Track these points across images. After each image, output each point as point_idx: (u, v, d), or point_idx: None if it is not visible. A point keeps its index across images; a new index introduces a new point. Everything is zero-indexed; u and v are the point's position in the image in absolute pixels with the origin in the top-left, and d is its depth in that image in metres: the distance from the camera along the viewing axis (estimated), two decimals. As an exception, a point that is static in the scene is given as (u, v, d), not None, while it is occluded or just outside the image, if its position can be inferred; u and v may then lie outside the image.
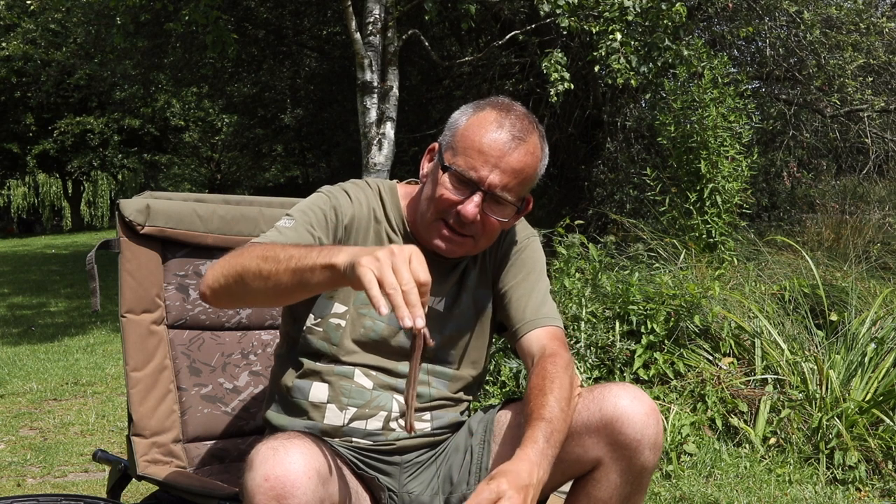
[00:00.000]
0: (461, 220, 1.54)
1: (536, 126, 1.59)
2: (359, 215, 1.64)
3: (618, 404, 1.47)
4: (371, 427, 1.62)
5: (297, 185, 21.42)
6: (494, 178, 1.52)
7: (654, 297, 3.74)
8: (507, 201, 1.55)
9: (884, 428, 3.14)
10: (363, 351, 1.63)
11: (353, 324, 1.62)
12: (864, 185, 7.62)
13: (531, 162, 1.55)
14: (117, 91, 16.22)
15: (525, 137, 1.54)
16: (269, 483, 1.30)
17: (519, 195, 1.57)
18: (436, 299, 1.66)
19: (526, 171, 1.55)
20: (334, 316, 1.63)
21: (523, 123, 1.55)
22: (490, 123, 1.54)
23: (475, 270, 1.70)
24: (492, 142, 1.52)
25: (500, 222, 1.57)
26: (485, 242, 1.61)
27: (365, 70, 6.85)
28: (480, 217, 1.54)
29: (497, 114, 1.55)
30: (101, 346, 6.41)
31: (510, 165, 1.52)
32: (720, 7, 7.82)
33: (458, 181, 1.54)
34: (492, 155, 1.52)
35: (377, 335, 1.63)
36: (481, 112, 1.56)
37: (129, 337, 1.84)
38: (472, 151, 1.53)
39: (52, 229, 30.88)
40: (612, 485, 1.50)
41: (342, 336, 1.62)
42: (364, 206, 1.66)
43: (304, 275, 1.35)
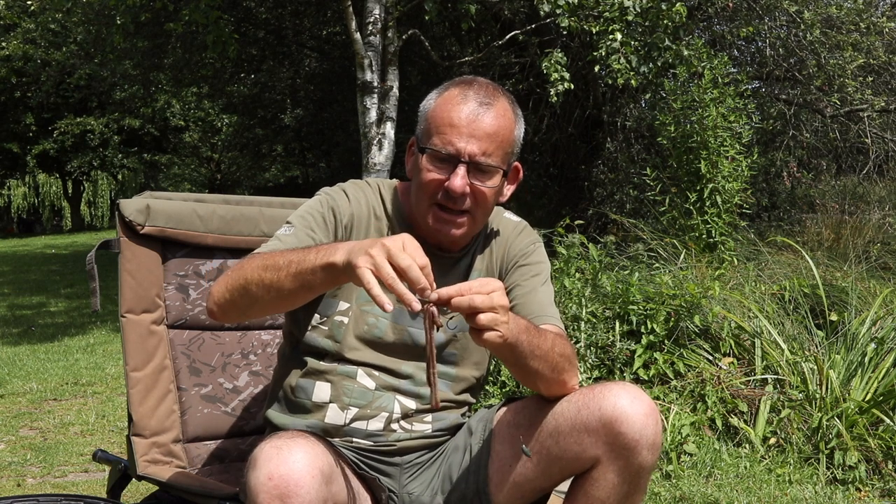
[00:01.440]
0: (451, 196, 1.55)
1: (503, 92, 1.62)
2: (358, 214, 1.65)
3: (617, 404, 1.47)
4: (372, 428, 1.62)
5: (297, 185, 21.42)
6: (472, 146, 1.54)
7: (654, 297, 3.74)
8: (491, 167, 1.56)
9: (884, 428, 3.14)
10: (366, 349, 1.63)
11: (357, 321, 1.63)
12: (864, 185, 7.62)
13: (504, 124, 1.57)
14: (117, 91, 16.23)
15: (492, 102, 1.56)
16: (272, 482, 1.30)
17: (503, 159, 1.58)
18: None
19: (501, 132, 1.56)
20: (339, 314, 1.64)
21: (487, 90, 1.58)
22: (455, 98, 1.56)
23: (480, 272, 1.71)
24: (460, 113, 1.54)
25: (490, 190, 1.58)
26: (481, 216, 1.62)
27: (365, 70, 6.85)
28: (470, 189, 1.56)
29: (459, 89, 1.58)
30: (101, 346, 6.41)
31: (483, 130, 1.54)
32: (720, 7, 7.82)
33: (438, 160, 1.56)
34: (463, 125, 1.54)
35: (380, 332, 1.63)
36: (445, 92, 1.59)
37: (129, 337, 1.84)
38: (444, 128, 1.55)
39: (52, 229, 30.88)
40: (610, 484, 1.50)
41: (345, 333, 1.63)
42: (363, 205, 1.67)
43: (306, 277, 1.37)
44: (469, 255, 1.71)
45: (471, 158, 1.54)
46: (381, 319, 1.63)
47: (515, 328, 1.39)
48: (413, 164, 1.64)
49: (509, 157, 1.61)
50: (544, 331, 1.50)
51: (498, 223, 1.75)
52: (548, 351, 1.48)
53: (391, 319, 1.64)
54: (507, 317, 1.34)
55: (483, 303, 1.30)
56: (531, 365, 1.47)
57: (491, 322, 1.31)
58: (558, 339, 1.52)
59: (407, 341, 1.64)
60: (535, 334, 1.46)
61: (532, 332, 1.45)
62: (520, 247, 1.73)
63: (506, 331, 1.33)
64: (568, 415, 1.52)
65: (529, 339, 1.44)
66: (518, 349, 1.43)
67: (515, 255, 1.72)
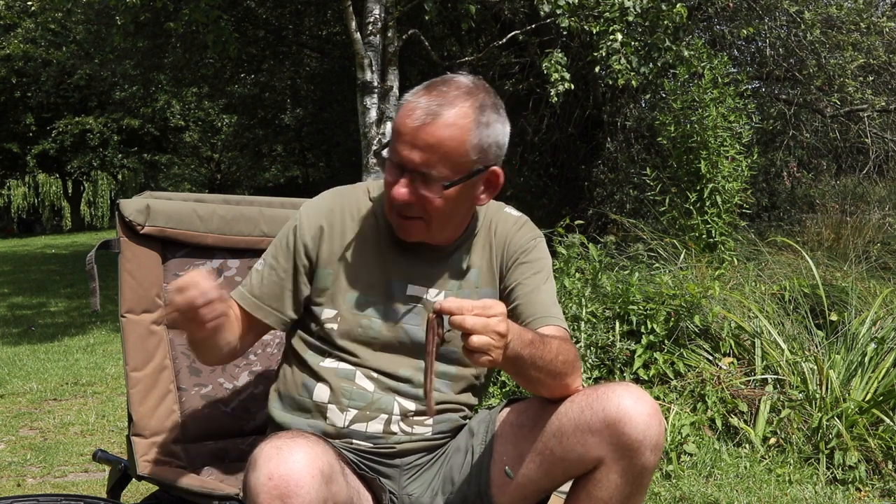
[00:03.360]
0: (397, 204, 1.56)
1: (470, 96, 1.55)
2: (330, 223, 1.67)
3: (621, 404, 1.47)
4: (371, 430, 1.62)
5: (297, 185, 21.42)
6: (414, 156, 1.52)
7: (654, 297, 3.74)
8: (434, 178, 1.53)
9: (884, 428, 3.14)
10: (363, 351, 1.63)
11: (349, 324, 1.64)
12: (864, 185, 7.62)
13: (452, 133, 1.51)
14: (117, 91, 16.23)
15: (440, 111, 1.52)
16: (272, 482, 1.30)
17: (454, 168, 1.54)
18: (431, 291, 1.66)
19: (446, 143, 1.52)
20: (328, 321, 1.65)
21: (445, 98, 1.53)
22: (409, 104, 1.55)
23: (479, 269, 1.70)
24: (407, 121, 1.53)
25: (438, 199, 1.55)
26: (437, 224, 1.60)
27: (365, 70, 6.85)
28: (418, 197, 1.55)
29: (414, 97, 1.55)
30: (101, 346, 6.40)
31: (424, 141, 1.51)
32: (720, 7, 7.81)
33: (391, 167, 1.57)
34: (407, 134, 1.52)
35: (375, 332, 1.63)
36: (409, 95, 1.58)
37: (129, 337, 1.84)
38: (395, 135, 1.55)
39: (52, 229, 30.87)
40: (612, 485, 1.50)
41: (339, 337, 1.64)
42: (337, 212, 1.68)
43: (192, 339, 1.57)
44: (462, 249, 1.69)
45: (414, 168, 1.53)
46: (375, 320, 1.63)
47: (518, 343, 1.39)
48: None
49: (466, 166, 1.55)
50: (548, 340, 1.48)
51: (498, 218, 1.73)
52: (551, 361, 1.47)
53: (384, 319, 1.64)
54: (501, 342, 1.33)
55: (476, 325, 1.30)
56: (533, 375, 1.47)
57: (483, 346, 1.30)
58: (562, 346, 1.51)
59: (404, 339, 1.64)
60: (539, 346, 1.45)
61: (535, 345, 1.44)
62: (520, 243, 1.70)
63: (497, 356, 1.33)
64: (571, 415, 1.51)
65: (532, 351, 1.43)
66: (519, 363, 1.42)
67: (516, 251, 1.70)
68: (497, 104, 1.59)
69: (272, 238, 2.01)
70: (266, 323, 1.68)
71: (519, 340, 1.39)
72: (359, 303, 1.64)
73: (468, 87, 1.56)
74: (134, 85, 14.02)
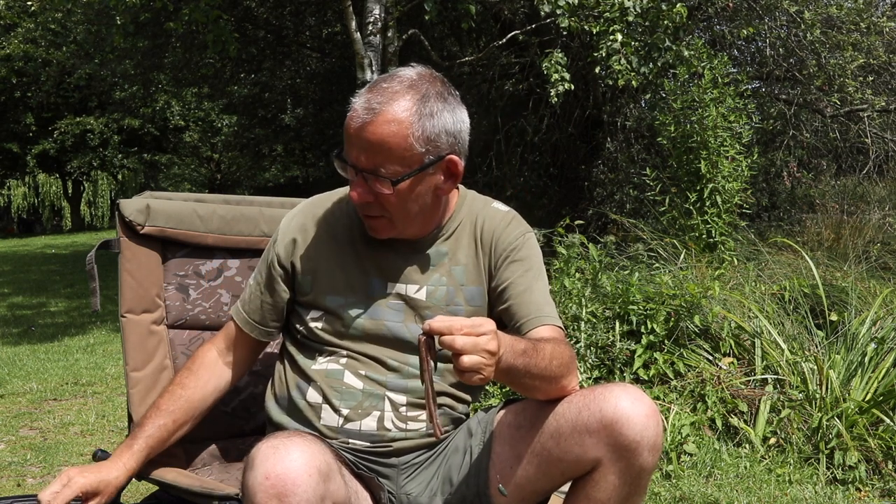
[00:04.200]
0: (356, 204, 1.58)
1: (411, 89, 1.53)
2: (304, 231, 1.70)
3: (618, 405, 1.46)
4: (365, 428, 1.62)
5: (297, 185, 21.42)
6: (359, 156, 1.53)
7: (654, 297, 3.74)
8: (381, 175, 1.53)
9: (884, 428, 3.14)
10: (347, 348, 1.64)
11: (332, 323, 1.65)
12: (864, 185, 7.62)
13: (392, 129, 1.50)
14: (117, 91, 16.23)
15: (380, 108, 1.51)
16: (269, 481, 1.30)
17: (403, 162, 1.53)
18: (412, 286, 1.66)
19: (387, 141, 1.51)
20: (312, 320, 1.67)
21: (385, 94, 1.52)
22: (352, 106, 1.55)
23: (465, 267, 1.68)
24: (351, 123, 1.53)
25: (390, 195, 1.55)
26: (401, 219, 1.60)
27: (365, 70, 6.85)
28: (374, 196, 1.55)
29: (360, 95, 1.55)
30: (101, 346, 6.40)
31: (367, 141, 1.52)
32: (720, 7, 7.81)
33: (349, 169, 1.57)
34: (350, 135, 1.54)
35: (359, 332, 1.64)
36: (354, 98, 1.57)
37: (129, 337, 1.84)
38: (344, 138, 1.56)
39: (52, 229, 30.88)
40: (610, 486, 1.50)
41: (323, 336, 1.65)
42: (310, 220, 1.71)
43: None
44: (438, 242, 1.68)
45: (363, 168, 1.54)
46: (358, 320, 1.64)
47: (510, 355, 1.38)
48: None
49: (416, 159, 1.53)
50: (542, 346, 1.47)
51: (485, 214, 1.71)
52: (545, 367, 1.46)
53: (366, 317, 1.64)
54: (492, 360, 1.32)
55: (465, 345, 1.29)
56: (527, 382, 1.47)
57: (474, 366, 1.29)
58: (556, 350, 1.50)
59: (387, 335, 1.64)
60: (532, 354, 1.43)
61: (529, 354, 1.43)
62: (509, 240, 1.69)
63: (489, 374, 1.32)
64: (569, 416, 1.51)
65: (525, 361, 1.42)
66: (513, 373, 1.42)
67: (505, 248, 1.68)
68: (443, 93, 1.57)
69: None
70: (252, 337, 1.74)
71: (511, 352, 1.38)
72: (340, 304, 1.65)
73: (411, 80, 1.55)
74: (134, 85, 14.02)
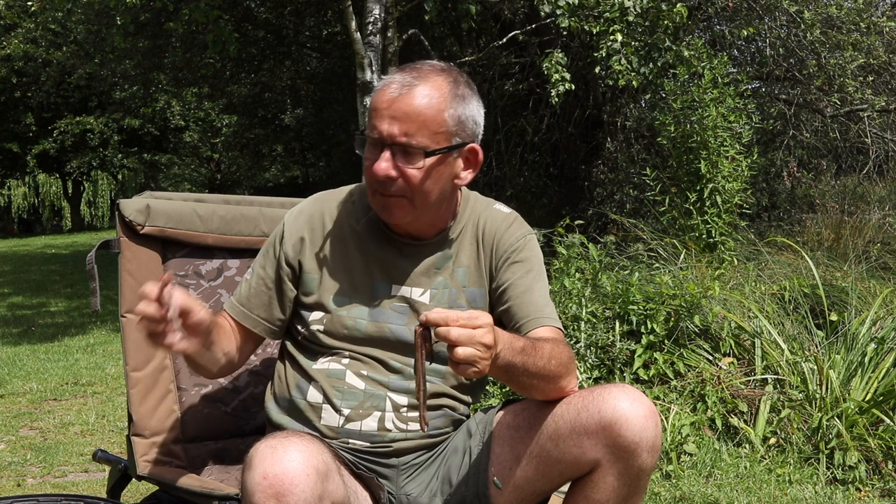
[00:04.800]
0: (379, 180, 1.55)
1: (441, 72, 1.58)
2: (311, 229, 1.69)
3: (617, 406, 1.46)
4: (366, 428, 1.62)
5: (297, 185, 21.43)
6: (393, 128, 1.53)
7: (654, 297, 3.74)
8: (414, 147, 1.53)
9: (884, 428, 3.14)
10: (350, 350, 1.64)
11: (335, 326, 1.64)
12: (864, 185, 7.61)
13: (428, 102, 1.53)
14: (117, 91, 16.22)
15: (415, 83, 1.54)
16: (267, 481, 1.30)
17: (432, 139, 1.54)
18: (416, 289, 1.66)
19: (422, 112, 1.53)
20: (314, 322, 1.66)
21: (419, 72, 1.57)
22: (383, 83, 1.57)
23: (466, 268, 1.69)
24: (383, 96, 1.55)
25: (419, 171, 1.54)
26: (420, 201, 1.58)
27: (365, 70, 6.85)
28: (400, 172, 1.54)
29: (388, 76, 1.59)
30: (101, 346, 6.40)
31: (402, 111, 1.52)
32: (720, 7, 7.81)
33: (370, 146, 1.56)
34: (383, 108, 1.54)
35: (361, 333, 1.63)
36: (383, 79, 1.60)
37: (129, 337, 1.84)
38: (371, 113, 1.56)
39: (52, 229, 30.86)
40: (609, 487, 1.50)
41: (326, 338, 1.64)
42: (317, 218, 1.69)
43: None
44: (445, 245, 1.68)
45: (392, 140, 1.53)
46: (360, 321, 1.63)
47: (509, 352, 1.38)
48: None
49: (444, 138, 1.55)
50: (540, 346, 1.47)
51: (487, 215, 1.72)
52: (543, 366, 1.46)
53: (369, 319, 1.64)
54: (487, 354, 1.32)
55: (461, 337, 1.29)
56: (525, 381, 1.47)
57: (468, 358, 1.30)
58: (555, 350, 1.50)
59: (389, 337, 1.64)
60: (531, 353, 1.44)
61: (527, 352, 1.43)
62: (510, 241, 1.69)
63: (484, 367, 1.32)
64: (567, 417, 1.51)
65: (524, 359, 1.42)
66: (511, 371, 1.42)
67: (506, 250, 1.68)
68: (470, 83, 1.62)
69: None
70: (255, 332, 1.71)
71: (510, 349, 1.38)
72: (344, 305, 1.64)
73: (441, 66, 1.61)
74: (134, 85, 14.02)
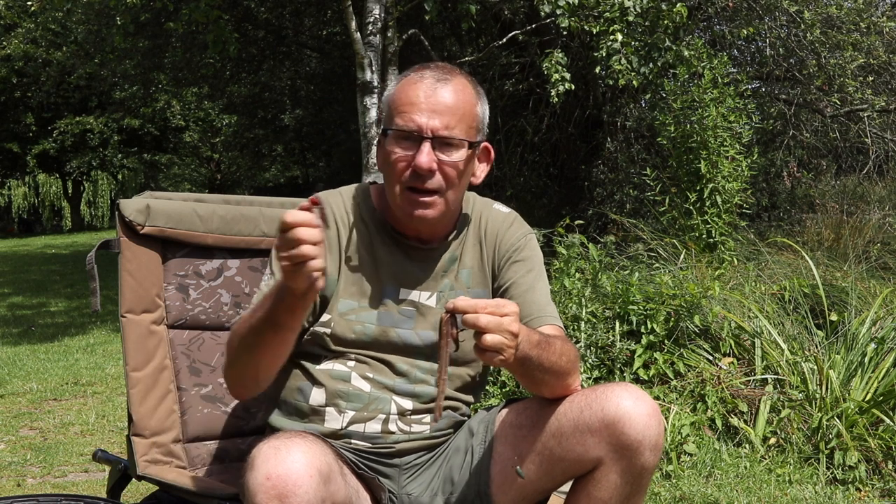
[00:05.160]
0: (419, 175, 1.54)
1: (460, 72, 1.62)
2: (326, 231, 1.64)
3: (620, 405, 1.47)
4: (370, 430, 1.62)
5: (297, 185, 21.42)
6: (434, 121, 1.53)
7: (654, 297, 3.74)
8: (456, 139, 1.55)
9: (884, 428, 3.14)
10: (357, 353, 1.63)
11: (342, 329, 1.63)
12: (864, 185, 7.61)
13: (464, 97, 1.57)
14: (117, 91, 16.22)
15: (448, 78, 1.57)
16: (270, 482, 1.30)
17: (467, 133, 1.57)
18: (423, 293, 1.66)
19: (462, 106, 1.56)
20: (321, 325, 1.64)
21: (443, 69, 1.60)
22: (412, 78, 1.58)
23: (470, 269, 1.69)
24: (418, 90, 1.55)
25: (458, 163, 1.56)
26: (453, 195, 1.59)
27: (365, 70, 6.85)
28: (438, 165, 1.54)
29: (415, 72, 1.60)
30: (101, 346, 6.40)
31: (443, 104, 1.54)
32: (720, 7, 7.81)
33: (403, 138, 1.55)
34: (421, 101, 1.54)
35: (368, 337, 1.63)
36: (403, 78, 1.61)
37: (129, 337, 1.84)
38: (404, 107, 1.55)
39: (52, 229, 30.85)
40: (612, 485, 1.50)
41: (329, 343, 1.63)
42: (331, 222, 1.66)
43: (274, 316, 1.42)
44: (452, 248, 1.68)
45: (434, 133, 1.53)
46: (368, 325, 1.63)
47: (527, 344, 1.39)
48: (382, 154, 1.62)
49: (475, 132, 1.59)
50: (552, 340, 1.49)
51: (488, 215, 1.72)
52: (555, 361, 1.48)
53: (377, 323, 1.63)
54: (514, 342, 1.34)
55: (490, 324, 1.31)
56: (538, 376, 1.48)
57: (496, 345, 1.31)
58: (565, 346, 1.52)
59: (396, 342, 1.64)
60: (545, 347, 1.46)
61: (542, 346, 1.45)
62: (511, 241, 1.70)
63: (509, 356, 1.33)
64: (570, 416, 1.52)
65: (539, 353, 1.44)
66: (527, 364, 1.43)
67: (507, 249, 1.69)
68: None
69: (272, 238, 2.00)
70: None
71: (527, 341, 1.40)
72: (352, 309, 1.63)
73: (452, 65, 1.64)
74: (134, 85, 14.02)
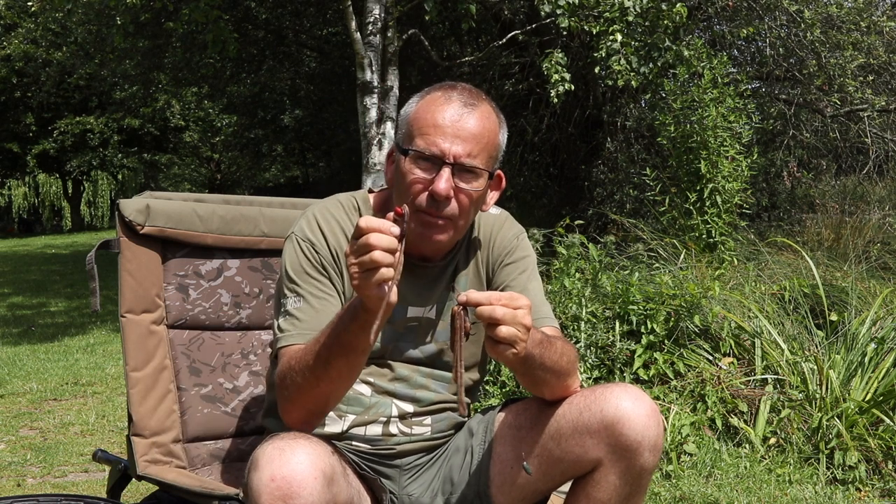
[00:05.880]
0: (435, 200, 1.50)
1: (486, 97, 1.59)
2: (335, 245, 1.60)
3: (619, 406, 1.47)
4: (370, 434, 1.62)
5: (297, 185, 21.43)
6: (457, 147, 1.50)
7: (654, 297, 3.74)
8: (477, 168, 1.51)
9: (884, 428, 3.14)
10: None
11: None
12: (864, 185, 7.62)
13: (489, 126, 1.54)
14: (117, 91, 16.22)
15: (476, 104, 1.53)
16: (275, 483, 1.30)
17: (487, 162, 1.54)
18: (426, 308, 1.65)
19: (486, 135, 1.53)
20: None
21: (471, 94, 1.55)
22: (438, 100, 1.53)
23: (466, 275, 1.68)
24: (444, 114, 1.51)
25: (475, 193, 1.53)
26: (464, 223, 1.57)
27: (365, 70, 6.85)
28: (455, 192, 1.51)
29: (442, 92, 1.55)
30: (101, 346, 6.40)
31: (468, 131, 1.50)
32: (720, 7, 7.81)
33: (423, 160, 1.51)
34: (447, 126, 1.50)
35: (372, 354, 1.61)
36: (427, 96, 1.56)
37: (129, 337, 1.84)
38: (428, 129, 1.51)
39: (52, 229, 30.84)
40: (611, 486, 1.50)
41: None
42: (338, 233, 1.61)
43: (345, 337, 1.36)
44: (453, 263, 1.67)
45: (455, 160, 1.49)
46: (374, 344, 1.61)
47: (531, 343, 1.38)
48: (394, 170, 1.57)
49: (494, 162, 1.57)
50: (553, 340, 1.49)
51: (480, 218, 1.71)
52: (556, 361, 1.47)
53: (382, 343, 1.62)
54: (526, 335, 1.33)
55: (505, 316, 1.29)
56: (539, 375, 1.47)
57: (510, 337, 1.30)
58: (565, 347, 1.52)
59: (397, 354, 1.64)
60: (547, 346, 1.45)
61: (544, 345, 1.44)
62: (503, 242, 1.69)
63: (521, 349, 1.32)
64: (569, 417, 1.51)
65: (541, 351, 1.43)
66: (529, 363, 1.42)
67: (501, 252, 1.68)
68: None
69: (272, 238, 2.01)
70: None
71: (532, 340, 1.39)
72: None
73: (474, 88, 1.59)
74: (134, 85, 14.01)
